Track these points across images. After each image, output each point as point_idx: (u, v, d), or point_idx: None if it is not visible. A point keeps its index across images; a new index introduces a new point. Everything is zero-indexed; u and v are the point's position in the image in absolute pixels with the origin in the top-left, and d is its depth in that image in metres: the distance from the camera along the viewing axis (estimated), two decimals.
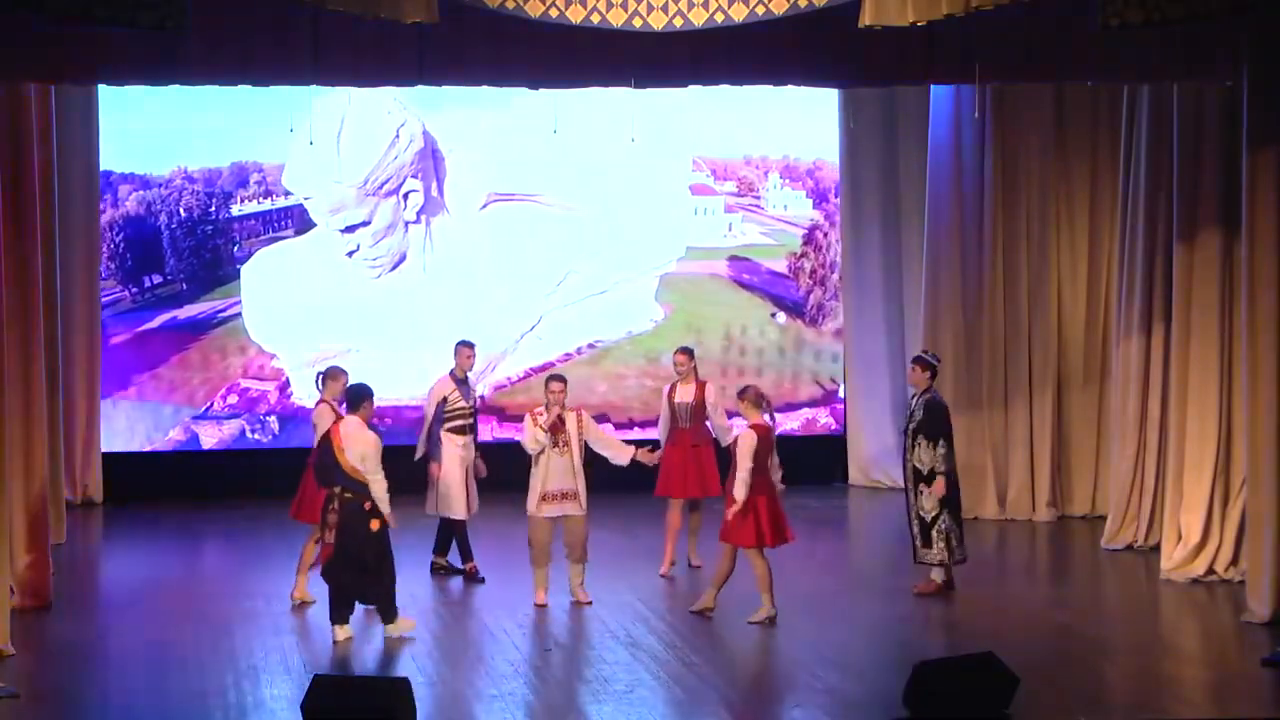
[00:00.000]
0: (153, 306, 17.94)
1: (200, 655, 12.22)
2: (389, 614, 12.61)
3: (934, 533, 13.67)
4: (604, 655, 12.27)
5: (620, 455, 13.63)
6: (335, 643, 12.40)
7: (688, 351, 14.70)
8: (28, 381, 13.36)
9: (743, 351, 18.74)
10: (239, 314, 18.03)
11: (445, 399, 14.47)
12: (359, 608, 12.70)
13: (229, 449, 18.00)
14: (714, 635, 12.73)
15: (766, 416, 13.03)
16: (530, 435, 13.35)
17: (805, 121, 18.53)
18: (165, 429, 17.92)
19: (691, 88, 14.10)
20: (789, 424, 18.67)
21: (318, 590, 13.07)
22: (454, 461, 14.45)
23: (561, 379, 13.59)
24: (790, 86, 14.36)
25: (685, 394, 14.51)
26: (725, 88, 14.39)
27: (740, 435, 12.88)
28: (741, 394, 13.08)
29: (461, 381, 14.56)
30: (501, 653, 12.46)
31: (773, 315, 18.74)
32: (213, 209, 18.00)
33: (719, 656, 12.15)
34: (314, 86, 14.99)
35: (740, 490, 12.72)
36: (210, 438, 17.97)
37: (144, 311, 17.93)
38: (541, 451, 13.35)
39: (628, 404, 18.48)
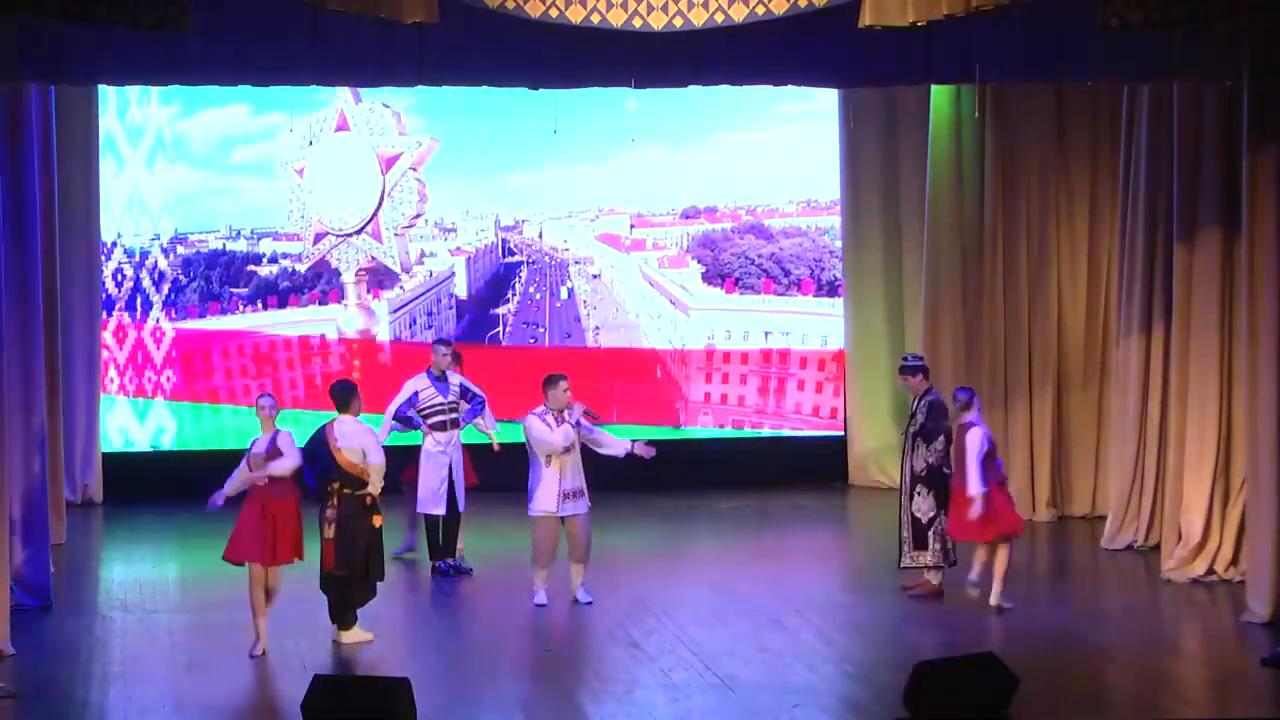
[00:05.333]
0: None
1: (200, 655, 12.23)
2: (349, 619, 12.55)
3: (930, 534, 13.67)
4: (604, 655, 12.28)
5: (616, 447, 13.62)
6: (341, 644, 12.39)
7: None
8: (28, 381, 13.36)
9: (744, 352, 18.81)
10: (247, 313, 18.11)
11: (418, 393, 14.49)
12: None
13: (229, 449, 17.98)
14: (713, 635, 12.72)
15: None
16: (552, 437, 13.28)
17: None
18: (166, 429, 17.99)
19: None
20: (788, 424, 18.74)
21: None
22: (432, 460, 14.47)
23: (565, 376, 13.57)
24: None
25: None
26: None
27: (970, 432, 13.25)
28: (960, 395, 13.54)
29: (438, 379, 14.59)
30: (501, 653, 12.47)
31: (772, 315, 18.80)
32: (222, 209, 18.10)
33: (718, 656, 12.14)
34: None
35: (975, 486, 13.11)
36: (210, 437, 18.03)
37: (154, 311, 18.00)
38: (556, 453, 13.33)
39: None
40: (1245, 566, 13.55)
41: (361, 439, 12.45)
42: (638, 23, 11.99)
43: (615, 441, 13.65)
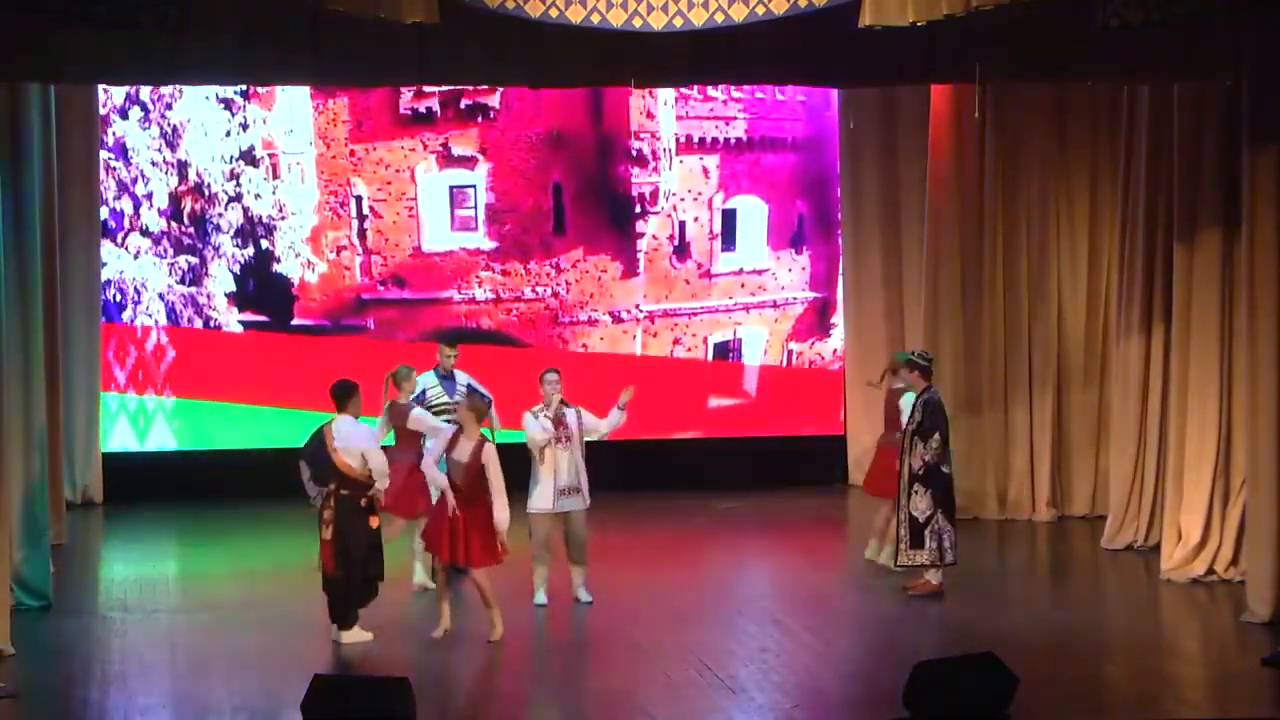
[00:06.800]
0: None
1: (200, 655, 12.23)
2: (349, 619, 12.53)
3: (926, 533, 13.64)
4: (604, 655, 12.27)
5: (612, 419, 13.64)
6: (342, 644, 12.38)
7: None
8: (28, 381, 13.36)
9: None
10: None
11: (425, 391, 14.47)
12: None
13: (230, 449, 17.99)
14: (714, 635, 12.72)
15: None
16: (535, 430, 13.31)
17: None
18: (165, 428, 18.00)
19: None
20: (787, 424, 18.75)
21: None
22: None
23: (557, 370, 13.57)
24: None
25: None
26: None
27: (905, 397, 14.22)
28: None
29: (445, 377, 14.60)
30: (502, 652, 12.46)
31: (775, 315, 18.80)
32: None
33: (719, 656, 12.14)
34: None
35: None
36: (211, 435, 18.03)
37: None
38: (546, 446, 13.34)
39: None
40: (1245, 566, 13.55)
41: (359, 440, 12.42)
42: (638, 23, 11.99)
43: (609, 417, 13.63)
